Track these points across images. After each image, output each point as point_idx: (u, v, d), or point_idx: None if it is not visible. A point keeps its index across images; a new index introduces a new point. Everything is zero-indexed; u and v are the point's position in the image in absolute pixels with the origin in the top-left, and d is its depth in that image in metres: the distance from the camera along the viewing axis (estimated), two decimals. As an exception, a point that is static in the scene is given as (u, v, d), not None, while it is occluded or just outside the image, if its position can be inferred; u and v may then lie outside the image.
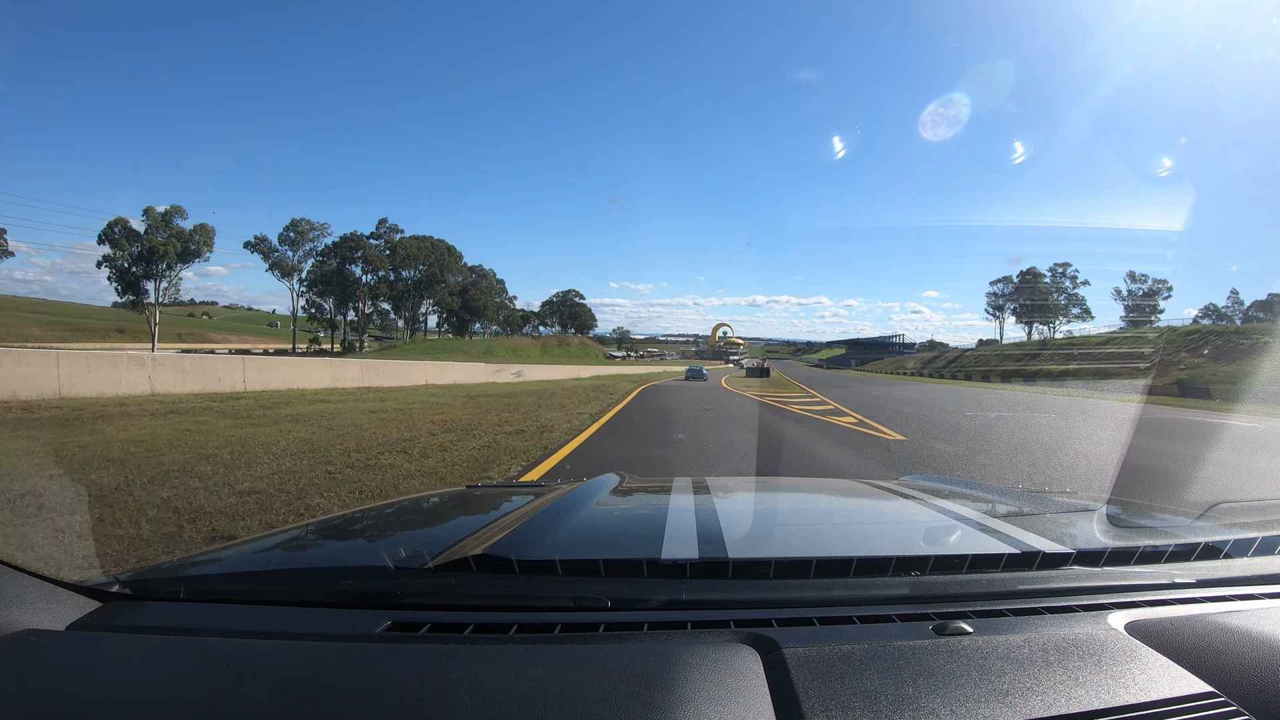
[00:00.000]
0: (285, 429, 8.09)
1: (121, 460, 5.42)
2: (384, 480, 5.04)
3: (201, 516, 3.77)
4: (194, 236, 60.06)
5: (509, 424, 9.39)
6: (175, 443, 6.57)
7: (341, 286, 75.50)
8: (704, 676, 0.67)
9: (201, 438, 7.06)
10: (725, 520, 1.33)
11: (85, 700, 0.64)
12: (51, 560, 2.91)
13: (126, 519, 3.65)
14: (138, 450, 5.98)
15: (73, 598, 0.89)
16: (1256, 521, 1.30)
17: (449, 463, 6.00)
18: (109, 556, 3.05)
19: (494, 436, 7.96)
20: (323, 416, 9.88)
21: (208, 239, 60.94)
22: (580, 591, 0.90)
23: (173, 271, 60.32)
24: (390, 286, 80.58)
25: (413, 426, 8.82)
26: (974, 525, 1.25)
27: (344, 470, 5.40)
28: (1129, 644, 0.78)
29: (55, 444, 6.25)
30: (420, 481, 5.14)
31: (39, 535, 3.24)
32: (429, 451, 6.58)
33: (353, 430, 8.18)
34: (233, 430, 7.84)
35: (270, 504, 4.12)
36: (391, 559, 0.95)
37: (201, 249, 60.33)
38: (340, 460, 5.85)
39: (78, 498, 4.11)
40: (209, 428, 8.05)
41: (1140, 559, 1.05)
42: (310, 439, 7.20)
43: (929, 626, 0.82)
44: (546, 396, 16.07)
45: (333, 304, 77.44)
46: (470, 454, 6.54)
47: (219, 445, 6.49)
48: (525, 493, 1.68)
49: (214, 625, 0.86)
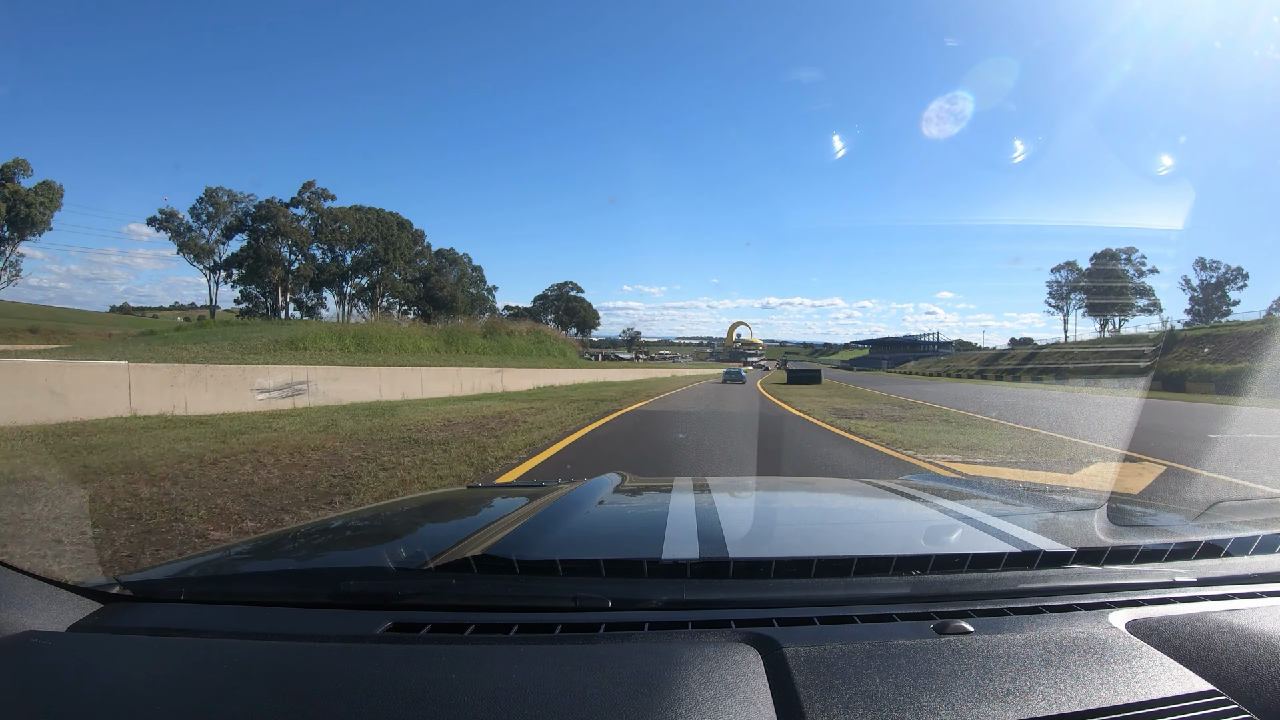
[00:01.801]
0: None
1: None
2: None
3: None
4: (33, 199, 44.29)
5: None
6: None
7: (255, 269, 55.20)
8: (705, 676, 0.67)
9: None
10: (726, 520, 1.33)
11: (86, 702, 0.64)
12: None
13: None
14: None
15: (73, 599, 0.89)
16: (1257, 520, 1.30)
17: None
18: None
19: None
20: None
21: (52, 201, 45.36)
22: (581, 591, 0.90)
23: (6, 245, 45.08)
24: (318, 270, 58.21)
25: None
26: (974, 524, 1.25)
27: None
28: (1130, 643, 0.78)
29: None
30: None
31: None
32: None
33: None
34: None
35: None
36: (392, 559, 0.95)
37: (40, 215, 44.70)
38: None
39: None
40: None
41: (1141, 558, 1.05)
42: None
43: (930, 626, 0.82)
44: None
45: (259, 291, 56.44)
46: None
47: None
48: (526, 493, 1.68)
49: (215, 626, 0.86)
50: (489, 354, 29.61)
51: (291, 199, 57.28)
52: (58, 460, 5.66)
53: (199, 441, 7.05)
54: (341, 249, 59.66)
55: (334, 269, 59.37)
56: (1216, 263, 64.25)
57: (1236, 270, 63.58)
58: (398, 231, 62.80)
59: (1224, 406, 19.40)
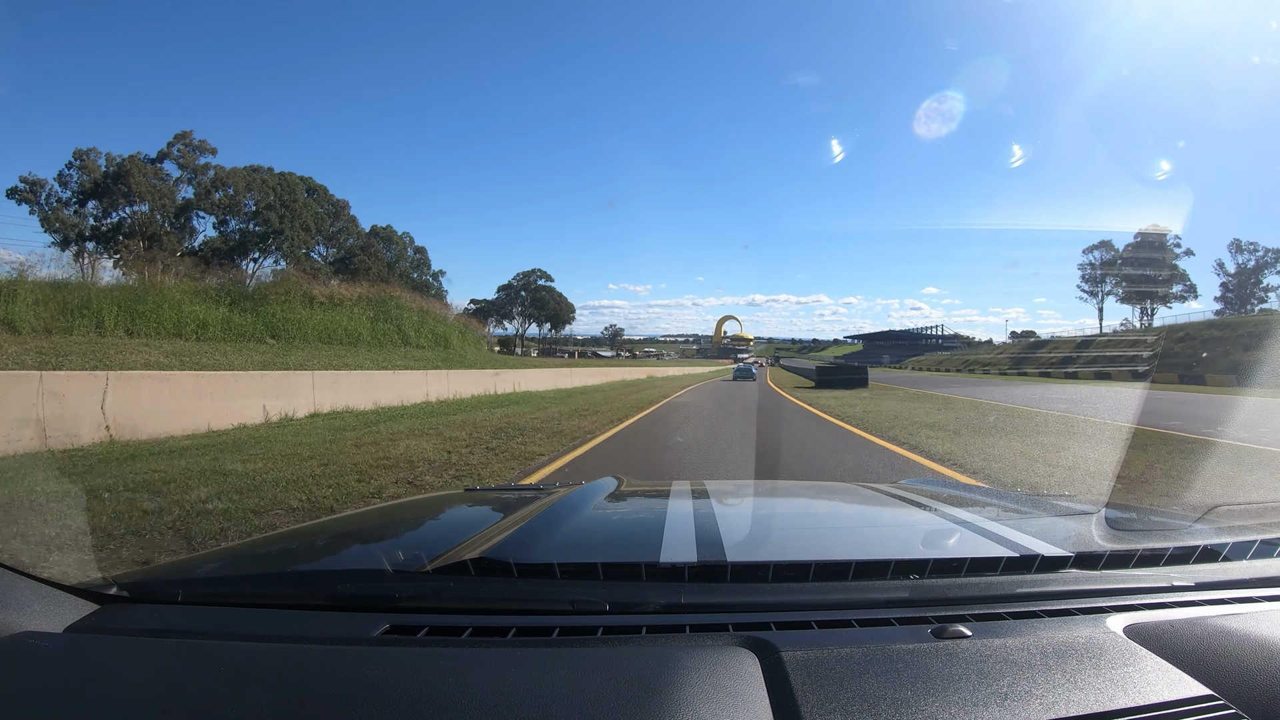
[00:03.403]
0: None
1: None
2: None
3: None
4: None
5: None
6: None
7: (109, 242, 40.98)
8: (702, 680, 0.67)
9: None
10: (724, 524, 1.33)
11: (82, 703, 0.64)
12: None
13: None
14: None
15: (70, 600, 0.89)
16: (1255, 524, 1.30)
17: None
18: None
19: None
20: None
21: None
22: (578, 595, 0.90)
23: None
24: (204, 245, 43.60)
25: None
26: (972, 528, 1.25)
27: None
28: (1128, 647, 0.78)
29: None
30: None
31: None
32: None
33: None
34: None
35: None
36: (390, 562, 0.95)
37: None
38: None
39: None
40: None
41: (1139, 562, 1.05)
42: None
43: (928, 630, 0.82)
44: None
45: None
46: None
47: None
48: (524, 496, 1.68)
49: (212, 628, 0.86)
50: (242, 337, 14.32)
51: (159, 153, 42.82)
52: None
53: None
54: (236, 220, 44.95)
55: (219, 244, 44.19)
56: (1254, 244, 56.37)
57: (1278, 253, 55.57)
58: (304, 198, 47.41)
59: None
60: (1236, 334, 39.72)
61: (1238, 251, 56.83)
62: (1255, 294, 56.56)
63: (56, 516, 3.97)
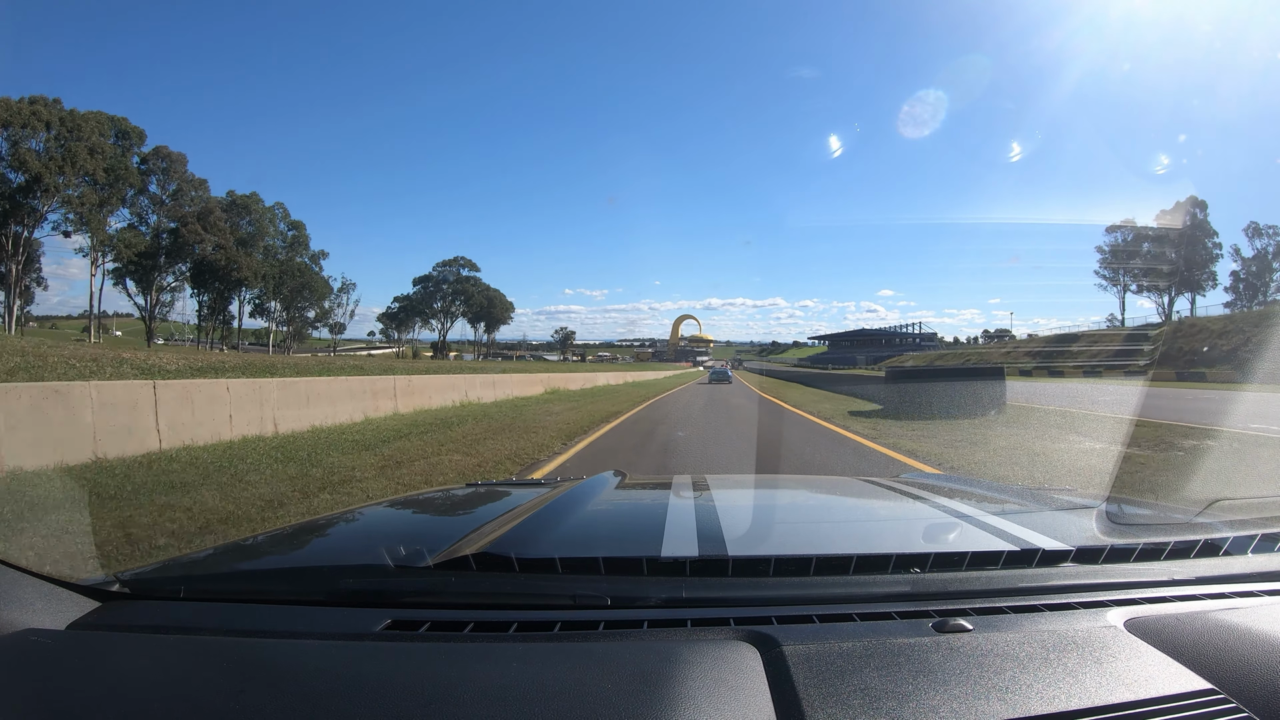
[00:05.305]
0: None
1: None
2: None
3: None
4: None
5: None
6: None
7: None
8: (704, 674, 0.67)
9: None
10: (725, 518, 1.33)
11: (85, 699, 0.64)
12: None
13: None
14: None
15: (73, 597, 0.89)
16: (1255, 519, 1.30)
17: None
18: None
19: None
20: None
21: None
22: (580, 589, 0.90)
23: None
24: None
25: None
26: (973, 522, 1.25)
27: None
28: (1128, 641, 0.78)
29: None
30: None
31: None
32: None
33: None
34: None
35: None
36: (391, 557, 0.95)
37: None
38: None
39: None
40: None
41: (1140, 556, 1.05)
42: None
43: (929, 624, 0.82)
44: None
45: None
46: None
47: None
48: (525, 491, 1.68)
49: (214, 624, 0.86)
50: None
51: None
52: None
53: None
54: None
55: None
56: (1274, 228, 49.69)
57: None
58: (98, 140, 34.56)
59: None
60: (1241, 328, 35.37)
61: (1255, 235, 50.98)
62: (1266, 283, 50.99)
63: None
